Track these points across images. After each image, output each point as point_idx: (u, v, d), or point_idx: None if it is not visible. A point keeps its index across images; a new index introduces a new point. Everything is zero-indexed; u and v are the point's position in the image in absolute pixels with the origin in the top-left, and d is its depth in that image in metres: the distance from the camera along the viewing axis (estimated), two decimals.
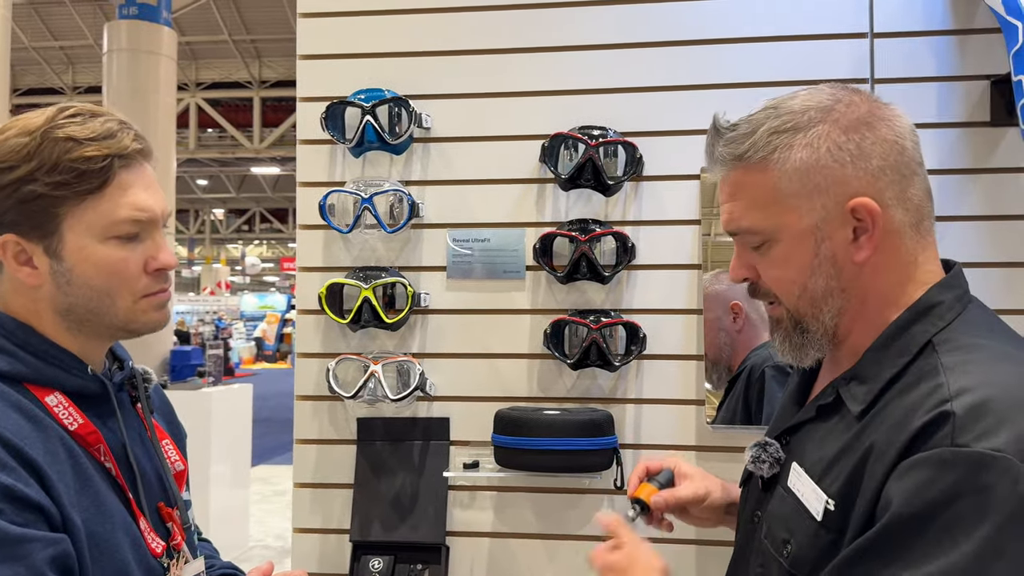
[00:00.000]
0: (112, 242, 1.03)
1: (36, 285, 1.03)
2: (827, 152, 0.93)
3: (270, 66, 18.70)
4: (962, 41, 1.87)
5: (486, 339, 1.99)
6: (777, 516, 1.01)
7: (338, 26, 2.06)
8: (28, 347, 1.02)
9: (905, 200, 0.94)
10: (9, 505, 0.89)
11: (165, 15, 10.44)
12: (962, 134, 1.86)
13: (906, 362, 0.91)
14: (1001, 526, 0.74)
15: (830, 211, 0.94)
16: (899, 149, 0.94)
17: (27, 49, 17.36)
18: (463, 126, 2.01)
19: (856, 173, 0.93)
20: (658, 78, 1.95)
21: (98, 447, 1.04)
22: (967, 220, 1.84)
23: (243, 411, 6.39)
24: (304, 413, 2.05)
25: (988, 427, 0.78)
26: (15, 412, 0.96)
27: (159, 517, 1.13)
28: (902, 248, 0.95)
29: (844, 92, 0.98)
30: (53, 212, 1.00)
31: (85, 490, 0.99)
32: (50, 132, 1.00)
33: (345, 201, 2.00)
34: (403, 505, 1.96)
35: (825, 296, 0.97)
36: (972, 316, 0.94)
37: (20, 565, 0.87)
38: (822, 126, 0.94)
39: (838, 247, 0.95)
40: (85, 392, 1.06)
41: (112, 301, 1.05)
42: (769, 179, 0.96)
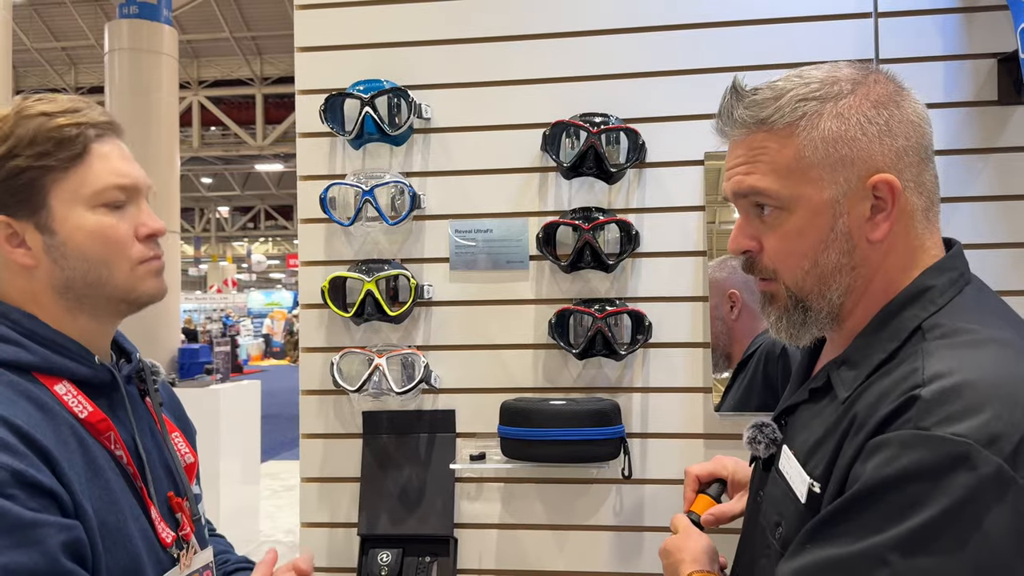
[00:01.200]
0: (100, 210, 1.05)
1: (32, 266, 1.04)
2: (857, 124, 0.91)
3: (272, 63, 18.68)
4: (968, 19, 1.84)
5: (490, 330, 1.98)
6: (771, 498, 1.01)
7: (336, 17, 2.04)
8: (35, 336, 1.03)
9: (921, 184, 0.93)
10: (21, 491, 0.89)
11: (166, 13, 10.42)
12: (969, 113, 1.83)
13: (895, 347, 0.90)
14: (948, 510, 0.74)
15: (852, 185, 0.92)
16: (921, 132, 0.94)
17: (29, 50, 17.37)
18: (463, 116, 2.00)
19: (882, 149, 0.91)
20: (660, 63, 1.93)
21: (108, 435, 1.04)
22: (975, 201, 1.82)
23: (252, 407, 6.40)
24: (310, 408, 2.04)
25: (953, 412, 0.77)
26: (25, 401, 0.97)
27: (169, 508, 1.13)
28: (912, 232, 0.94)
29: (870, 68, 0.97)
30: (39, 185, 1.02)
31: (96, 479, 1.00)
32: (22, 112, 1.03)
33: (346, 194, 1.99)
34: (410, 498, 1.95)
35: (834, 273, 0.94)
36: (965, 300, 0.92)
37: (34, 550, 0.87)
38: (852, 98, 0.92)
39: (854, 223, 0.92)
40: (94, 382, 1.07)
41: (109, 271, 1.06)
42: (793, 146, 0.93)
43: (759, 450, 1.05)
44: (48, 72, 18.72)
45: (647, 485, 1.91)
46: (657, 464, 1.91)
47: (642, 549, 1.91)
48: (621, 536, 1.92)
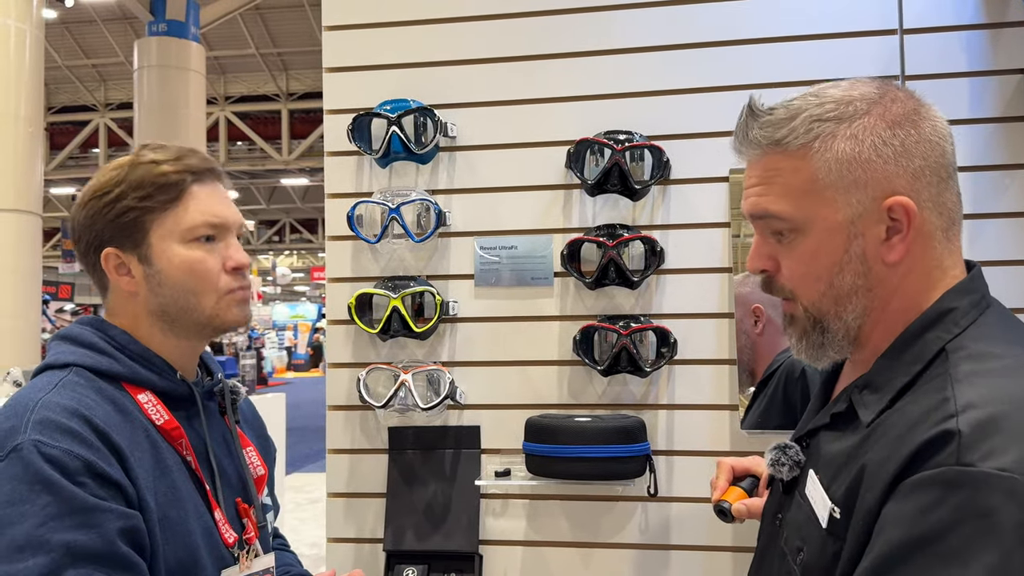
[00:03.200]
0: (192, 244, 1.20)
1: (134, 292, 1.20)
2: (871, 146, 0.90)
3: (297, 78, 18.89)
4: (994, 35, 1.83)
5: (515, 346, 1.99)
6: (794, 523, 1.00)
7: (363, 38, 2.07)
8: (127, 351, 1.18)
9: (940, 204, 0.92)
10: (92, 480, 1.02)
11: (193, 31, 10.59)
12: (996, 129, 1.82)
13: (918, 370, 0.88)
14: (1009, 551, 0.71)
15: (866, 207, 0.91)
16: (940, 151, 0.92)
17: (60, 68, 17.70)
18: (488, 134, 2.01)
19: (898, 171, 0.90)
20: (684, 80, 1.94)
21: (180, 441, 1.17)
22: (1003, 217, 1.80)
23: (277, 420, 6.42)
24: (336, 423, 2.06)
25: (995, 446, 0.74)
26: (108, 404, 1.11)
27: (236, 512, 1.24)
28: (931, 253, 0.92)
29: (889, 86, 0.95)
30: (141, 222, 1.18)
31: (163, 477, 1.12)
32: (137, 160, 1.21)
33: (373, 211, 2.01)
34: (436, 514, 1.96)
35: (850, 295, 0.94)
36: (989, 321, 0.91)
37: (94, 532, 0.99)
38: (868, 118, 0.91)
39: (869, 245, 0.92)
40: (174, 394, 1.21)
41: (197, 300, 1.21)
42: (808, 167, 0.92)
43: (782, 472, 1.03)
44: (79, 89, 19.05)
45: (673, 503, 1.91)
46: (683, 482, 1.91)
47: (668, 567, 1.90)
48: (647, 554, 1.91)
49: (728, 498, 1.33)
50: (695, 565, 1.89)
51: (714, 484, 1.39)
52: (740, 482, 1.37)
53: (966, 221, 1.78)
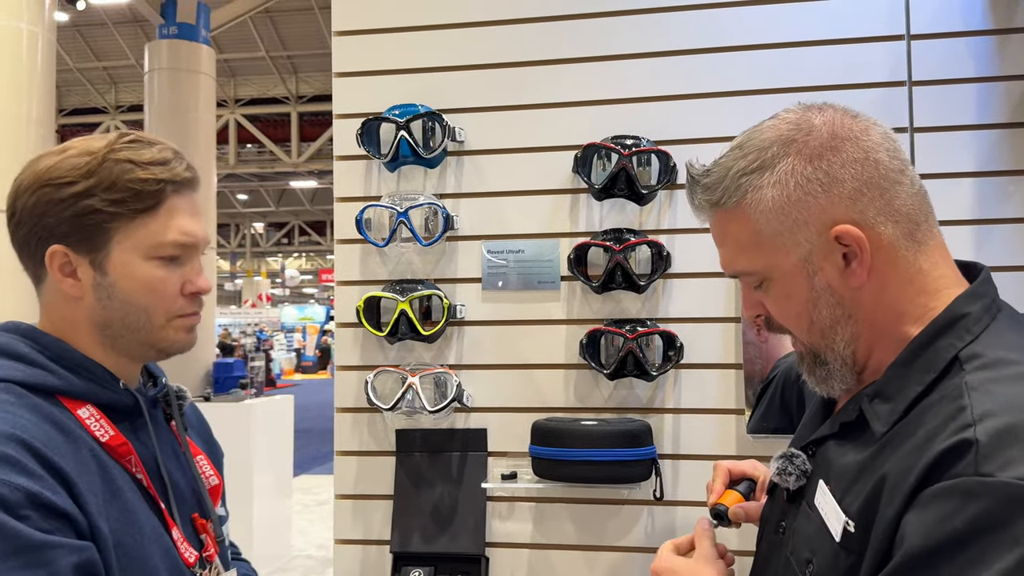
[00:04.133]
0: (155, 261, 1.09)
1: (77, 297, 1.08)
2: (796, 186, 0.92)
3: (307, 81, 18.94)
4: (1002, 41, 1.83)
5: (522, 350, 2.00)
6: (802, 534, 0.99)
7: (372, 43, 2.09)
8: (62, 361, 1.06)
9: (892, 212, 0.91)
10: (35, 512, 0.90)
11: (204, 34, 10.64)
12: (1003, 135, 1.82)
13: (932, 379, 0.88)
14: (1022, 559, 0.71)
15: (814, 243, 0.92)
16: (872, 164, 0.91)
17: (71, 70, 17.80)
18: (496, 138, 2.03)
19: (831, 200, 0.91)
20: (691, 86, 1.95)
21: (129, 458, 1.06)
22: (1010, 223, 1.81)
23: (285, 422, 6.45)
24: (344, 425, 2.07)
25: (1013, 456, 0.74)
26: (47, 424, 0.99)
27: (193, 528, 1.15)
28: (900, 261, 0.92)
29: (804, 117, 0.95)
30: (105, 228, 1.06)
31: (114, 500, 1.01)
32: (111, 154, 1.06)
33: (381, 215, 2.03)
34: (442, 516, 1.97)
35: (833, 326, 0.95)
36: (1002, 327, 0.89)
37: (43, 571, 0.88)
38: (786, 160, 0.92)
39: (831, 276, 0.93)
40: (117, 406, 1.10)
41: (148, 318, 1.10)
42: (748, 222, 0.95)
43: (789, 482, 1.03)
44: (90, 91, 19.16)
45: (679, 507, 1.91)
46: (689, 486, 1.91)
47: None
48: (652, 558, 1.91)
49: (725, 501, 1.32)
50: None
51: (710, 487, 1.38)
52: (736, 485, 1.36)
53: (971, 227, 1.80)
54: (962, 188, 1.83)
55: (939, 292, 0.92)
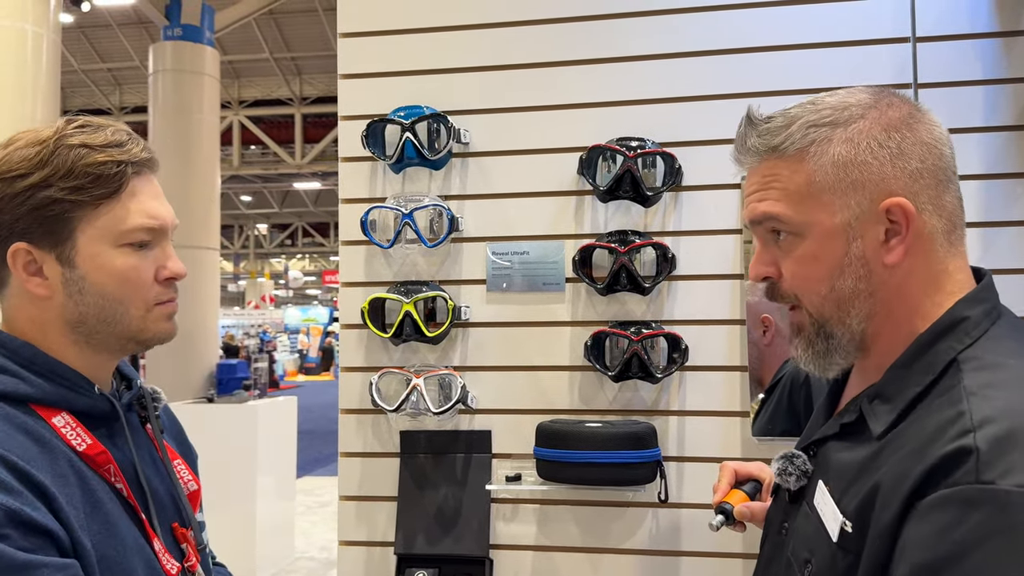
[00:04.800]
0: (125, 249, 1.04)
1: (45, 296, 1.02)
2: (867, 148, 0.91)
3: (310, 83, 18.96)
4: (1008, 43, 1.83)
5: (527, 352, 1.99)
6: (801, 534, 0.99)
7: (377, 45, 2.09)
8: (33, 367, 1.00)
9: (940, 206, 0.92)
10: (15, 530, 0.86)
11: (208, 35, 10.66)
12: (1009, 138, 1.82)
13: (930, 381, 0.88)
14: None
15: (864, 209, 0.92)
16: (938, 154, 0.92)
17: (76, 72, 17.84)
18: (501, 140, 2.03)
19: (894, 172, 0.91)
20: (696, 87, 1.95)
21: (108, 467, 1.02)
22: (1017, 226, 1.80)
23: (288, 424, 6.45)
24: (348, 426, 2.07)
25: (1014, 463, 0.73)
26: (21, 435, 0.94)
27: (173, 538, 1.11)
28: (933, 255, 0.92)
29: (885, 92, 0.96)
30: (67, 218, 1.00)
31: (95, 513, 0.97)
32: (62, 140, 1.01)
33: (386, 217, 2.03)
34: (447, 518, 1.97)
35: (852, 298, 0.94)
36: (1001, 332, 0.90)
37: None
38: (863, 122, 0.93)
39: (869, 247, 0.92)
40: (93, 412, 1.05)
41: (125, 310, 1.05)
42: (805, 171, 0.94)
43: (789, 482, 1.03)
44: (94, 92, 19.20)
45: (683, 509, 1.91)
46: (693, 488, 1.91)
47: (678, 574, 1.90)
48: (657, 560, 1.92)
49: (730, 500, 1.32)
50: (705, 572, 1.89)
51: (716, 487, 1.39)
52: (742, 486, 1.36)
53: (978, 229, 1.79)
54: (968, 191, 1.81)
55: (953, 295, 0.93)
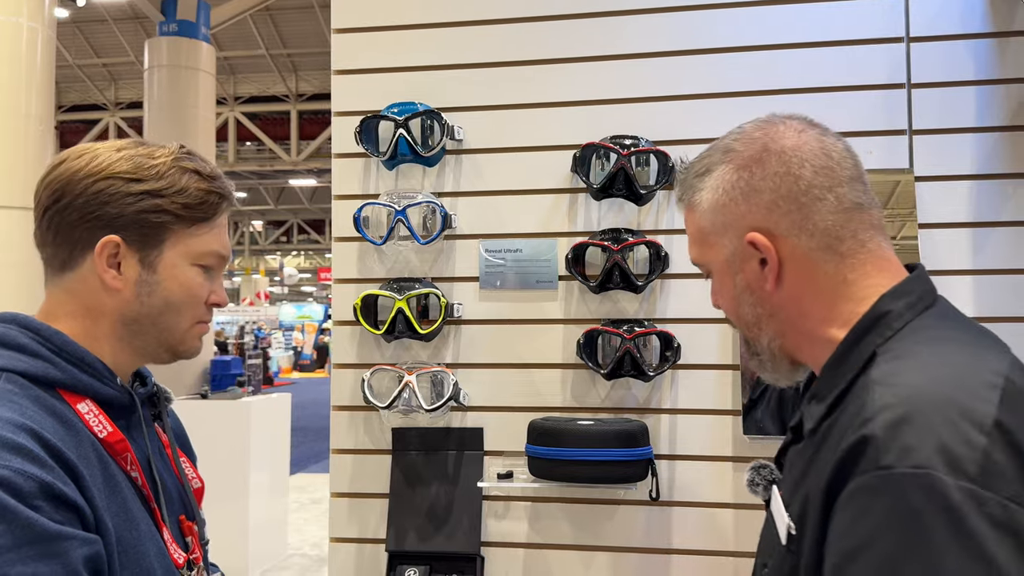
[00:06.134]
0: (196, 268, 1.14)
1: (116, 289, 1.10)
2: (724, 192, 1.00)
3: (306, 80, 18.93)
4: (1001, 44, 1.83)
5: (519, 349, 1.99)
6: (764, 541, 1.03)
7: (371, 41, 2.08)
8: (63, 353, 1.06)
9: (808, 227, 0.96)
10: (47, 502, 0.90)
11: (204, 31, 10.64)
12: (1001, 139, 1.82)
13: (852, 376, 0.90)
14: (940, 549, 0.71)
15: (735, 246, 1.00)
16: (792, 180, 0.97)
17: (71, 67, 17.78)
18: (495, 137, 2.02)
19: (750, 208, 0.98)
20: (691, 86, 1.95)
21: (125, 456, 1.07)
22: (1008, 226, 1.81)
23: (282, 420, 6.44)
24: (340, 423, 2.07)
25: (908, 444, 0.75)
26: (50, 416, 0.99)
27: (180, 531, 1.15)
28: (819, 271, 0.96)
29: (749, 130, 1.02)
30: (165, 228, 1.10)
31: (114, 496, 1.02)
32: (178, 162, 1.12)
33: (379, 213, 2.02)
34: (438, 515, 1.97)
35: (757, 321, 1.02)
36: (925, 322, 0.91)
37: (56, 563, 0.88)
38: (721, 167, 1.01)
39: (750, 277, 1.00)
40: (115, 402, 1.10)
41: (178, 320, 1.14)
42: (695, 218, 1.05)
43: (759, 492, 1.06)
44: (89, 88, 19.14)
45: (675, 507, 1.91)
46: (685, 486, 1.91)
47: (669, 572, 1.90)
48: (648, 558, 1.92)
49: None
50: (696, 569, 1.89)
51: None
52: None
53: (970, 230, 1.80)
54: (961, 191, 1.83)
55: (867, 299, 0.95)
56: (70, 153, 1.11)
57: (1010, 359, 0.86)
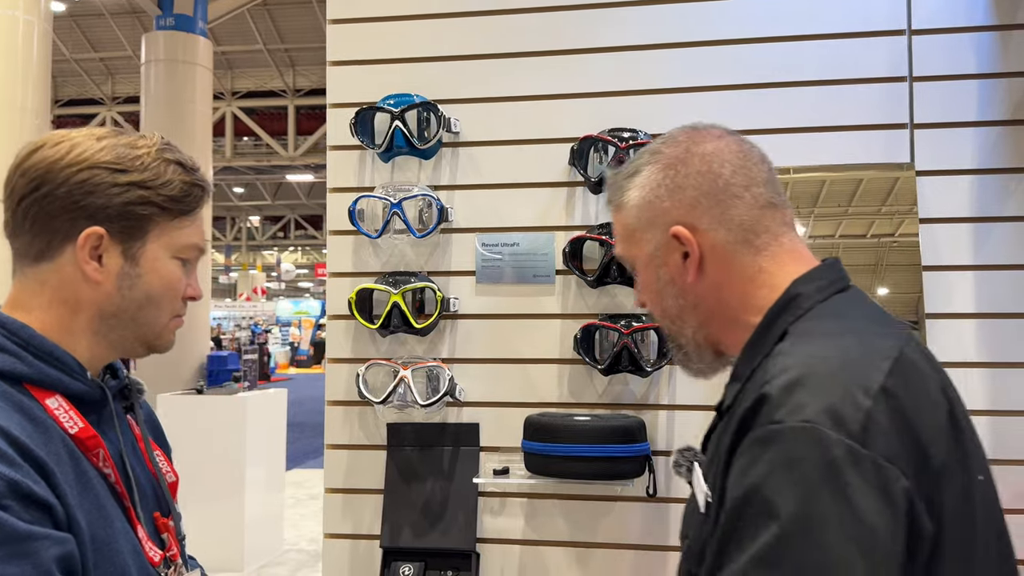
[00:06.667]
0: (175, 260, 1.13)
1: (96, 282, 1.07)
2: (650, 190, 1.07)
3: (304, 75, 18.89)
4: (1004, 37, 1.82)
5: (516, 344, 1.97)
6: (687, 517, 1.09)
7: (367, 32, 2.06)
8: (30, 347, 1.03)
9: (727, 221, 1.03)
10: (16, 502, 0.88)
11: (201, 26, 10.61)
12: (1004, 132, 1.81)
13: (765, 353, 0.96)
14: (815, 491, 0.78)
15: (660, 240, 1.06)
16: (712, 178, 1.04)
17: (68, 61, 17.72)
18: (492, 130, 2.00)
19: (674, 204, 1.05)
20: (690, 79, 1.93)
21: (97, 452, 1.04)
22: (1010, 221, 1.79)
23: (278, 416, 6.42)
24: (335, 418, 2.05)
25: (799, 401, 0.83)
26: (17, 412, 0.97)
27: (154, 527, 1.13)
28: (737, 262, 1.03)
29: (675, 135, 1.11)
30: (149, 220, 1.09)
31: (86, 493, 0.99)
32: (161, 152, 1.11)
33: (374, 206, 2.00)
34: (433, 511, 1.95)
35: (680, 314, 1.08)
36: (831, 304, 0.98)
37: (27, 563, 0.86)
38: (648, 167, 1.09)
39: (673, 270, 1.06)
40: (85, 397, 1.07)
41: (157, 314, 1.12)
42: (623, 217, 1.11)
43: (682, 473, 1.10)
44: (86, 82, 19.09)
45: (672, 504, 1.90)
46: (682, 483, 1.89)
47: (666, 568, 1.89)
48: (645, 555, 1.90)
49: None
50: None
51: None
52: None
53: (971, 224, 1.78)
54: (962, 185, 1.81)
55: (780, 286, 1.02)
56: (46, 140, 1.08)
57: (907, 337, 0.93)
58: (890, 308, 1.85)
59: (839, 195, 1.87)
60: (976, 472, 0.87)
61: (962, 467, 0.85)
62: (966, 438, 0.88)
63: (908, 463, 0.80)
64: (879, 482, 0.78)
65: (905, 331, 0.95)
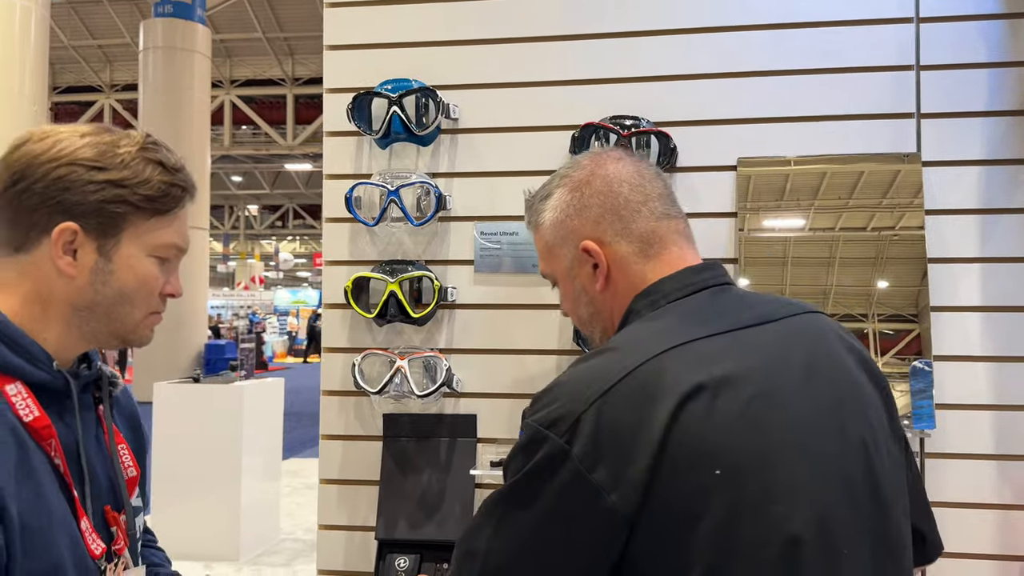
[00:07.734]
0: (152, 259, 1.13)
1: (70, 276, 1.08)
2: (561, 210, 1.20)
3: (303, 63, 18.83)
4: (1014, 25, 1.78)
5: (514, 334, 1.95)
6: None
7: (365, 16, 2.03)
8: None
9: (627, 234, 1.15)
10: None
11: (200, 13, 10.56)
12: (1012, 123, 1.78)
13: None
14: (523, 467, 0.97)
15: (573, 255, 1.18)
16: (614, 196, 1.16)
17: (66, 48, 17.65)
18: (492, 117, 1.97)
19: (582, 222, 1.17)
20: (693, 66, 1.90)
21: (50, 441, 1.05)
22: (1018, 213, 1.76)
23: (275, 405, 6.40)
24: (330, 408, 2.03)
25: (540, 405, 0.99)
26: None
27: (104, 520, 1.13)
28: (630, 271, 1.15)
29: (579, 160, 1.23)
30: (124, 218, 1.09)
31: (27, 480, 0.99)
32: (143, 151, 1.11)
33: (371, 194, 1.97)
34: (429, 503, 1.93)
35: (591, 320, 1.21)
36: (652, 318, 1.08)
37: None
38: (559, 190, 1.21)
39: (585, 281, 1.18)
40: (47, 387, 1.08)
41: (131, 310, 1.13)
42: (541, 236, 1.24)
43: None
44: (84, 69, 19.02)
45: None
46: None
47: None
48: None
49: None
50: None
51: None
52: None
53: (978, 216, 1.75)
54: (969, 176, 1.79)
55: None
56: (32, 135, 1.09)
57: (681, 347, 1.00)
58: (890, 302, 1.83)
59: (840, 187, 1.84)
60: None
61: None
62: None
63: (607, 468, 0.93)
64: (561, 464, 0.94)
65: (692, 337, 1.02)
